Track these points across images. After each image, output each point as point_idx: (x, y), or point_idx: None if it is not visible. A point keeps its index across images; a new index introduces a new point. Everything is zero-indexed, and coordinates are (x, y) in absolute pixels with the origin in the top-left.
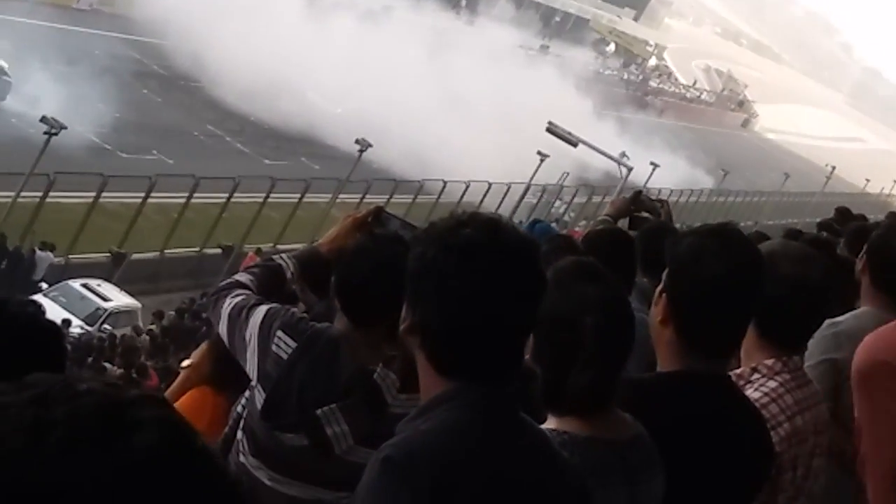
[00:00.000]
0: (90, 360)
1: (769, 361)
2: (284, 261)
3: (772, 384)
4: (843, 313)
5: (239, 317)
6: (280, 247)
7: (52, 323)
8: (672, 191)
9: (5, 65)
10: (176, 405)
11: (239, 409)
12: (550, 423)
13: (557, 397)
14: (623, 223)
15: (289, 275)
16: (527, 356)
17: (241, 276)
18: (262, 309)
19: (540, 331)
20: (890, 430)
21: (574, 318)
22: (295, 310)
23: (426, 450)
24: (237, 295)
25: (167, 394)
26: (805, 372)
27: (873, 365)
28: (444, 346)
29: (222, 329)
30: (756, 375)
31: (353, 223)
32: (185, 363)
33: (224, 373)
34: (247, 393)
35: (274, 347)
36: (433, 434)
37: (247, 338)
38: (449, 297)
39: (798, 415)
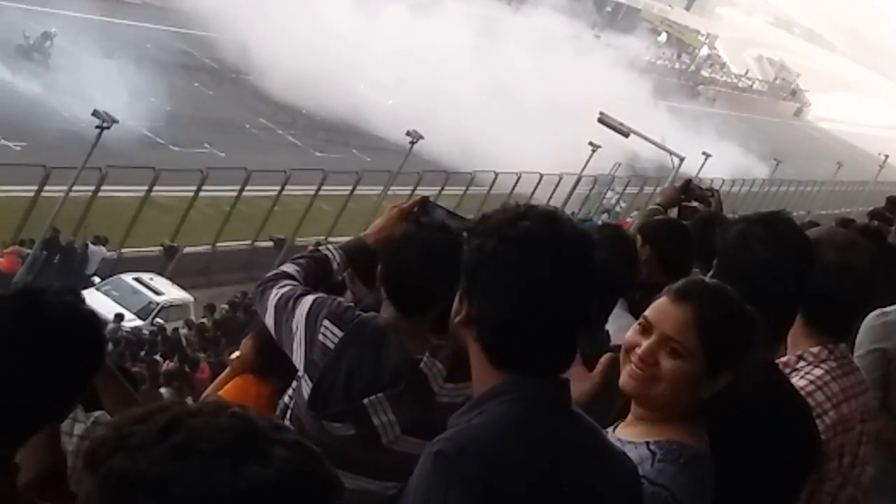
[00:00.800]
0: (143, 353)
1: (815, 349)
2: (331, 252)
3: (818, 372)
4: (893, 302)
5: (286, 307)
6: (332, 239)
7: (91, 312)
8: (724, 181)
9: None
10: (221, 393)
11: (286, 399)
12: (663, 437)
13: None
14: (673, 212)
15: (335, 266)
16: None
17: (288, 267)
18: (309, 299)
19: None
20: None
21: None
22: (341, 299)
23: (479, 444)
24: (284, 286)
25: (214, 384)
26: (851, 360)
27: None
28: (500, 339)
29: (269, 320)
30: (802, 363)
31: (399, 213)
32: (234, 355)
33: (267, 361)
34: (294, 384)
35: (321, 337)
36: (486, 428)
37: (294, 328)
38: (508, 290)
39: (844, 402)
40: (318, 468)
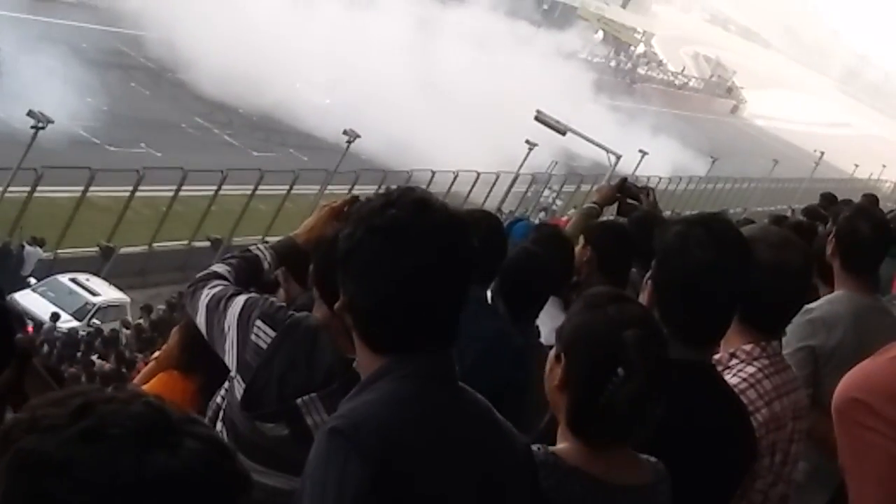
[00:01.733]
0: (79, 354)
1: (748, 347)
2: (262, 251)
3: (750, 370)
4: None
5: (217, 308)
6: (269, 238)
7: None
8: (661, 178)
9: None
10: (145, 388)
11: (218, 400)
12: (559, 444)
13: (585, 419)
14: (610, 210)
15: (266, 265)
16: (551, 384)
17: (219, 268)
18: (241, 299)
19: (572, 350)
20: (871, 468)
21: (613, 332)
22: (273, 299)
23: (372, 419)
24: (215, 286)
25: (139, 377)
26: (783, 357)
27: (846, 402)
28: (373, 325)
29: (200, 320)
30: (734, 361)
31: (329, 213)
32: (161, 349)
33: (192, 358)
34: (226, 384)
35: (253, 337)
36: (377, 404)
37: (225, 328)
38: (374, 278)
39: (776, 400)
40: (227, 463)
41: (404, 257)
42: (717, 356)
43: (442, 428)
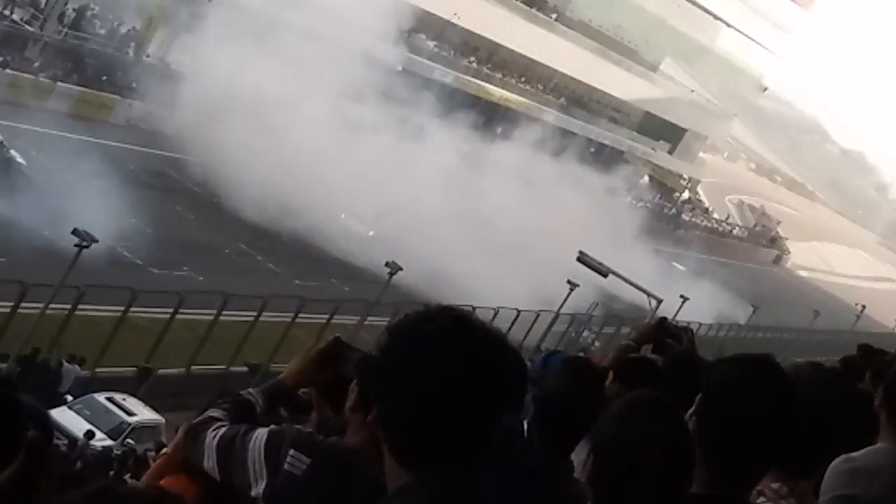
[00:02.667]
0: (111, 472)
1: (775, 485)
2: (253, 396)
3: None
4: (860, 443)
5: (232, 446)
6: None
7: (8, 397)
8: (701, 324)
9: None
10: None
11: None
12: None
13: None
14: (646, 350)
15: (258, 409)
16: (583, 478)
17: (214, 412)
18: (262, 431)
19: (598, 455)
20: None
21: (635, 451)
22: (300, 427)
23: None
24: (218, 427)
25: (148, 472)
26: (812, 499)
27: None
28: (402, 438)
29: (209, 463)
30: (761, 499)
31: (316, 356)
32: (164, 450)
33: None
34: None
35: (287, 466)
36: None
37: (249, 463)
38: (406, 393)
39: None
40: None
41: (438, 372)
42: None
43: None
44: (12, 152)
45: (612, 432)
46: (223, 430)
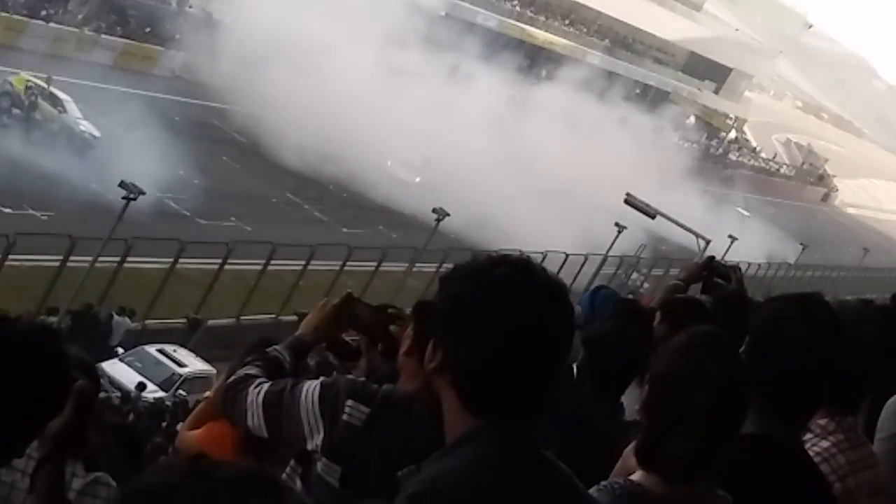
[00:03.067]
0: (164, 424)
1: (822, 421)
2: (279, 352)
3: (824, 444)
4: None
5: (280, 401)
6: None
7: (55, 347)
8: (749, 264)
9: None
10: (200, 434)
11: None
12: (635, 476)
13: (652, 454)
14: (695, 289)
15: (287, 365)
16: (637, 406)
17: (249, 370)
18: (313, 385)
19: (654, 388)
20: None
21: (688, 388)
22: (352, 376)
23: (452, 487)
24: (259, 384)
25: (188, 420)
26: (860, 433)
27: None
28: (476, 384)
29: (254, 420)
30: (808, 435)
31: (333, 311)
32: (208, 394)
33: None
34: (294, 467)
35: (345, 416)
36: (459, 471)
37: (303, 416)
38: (483, 336)
39: (850, 475)
40: None
41: (512, 315)
42: None
43: (523, 497)
44: (81, 125)
45: (669, 366)
46: (266, 385)
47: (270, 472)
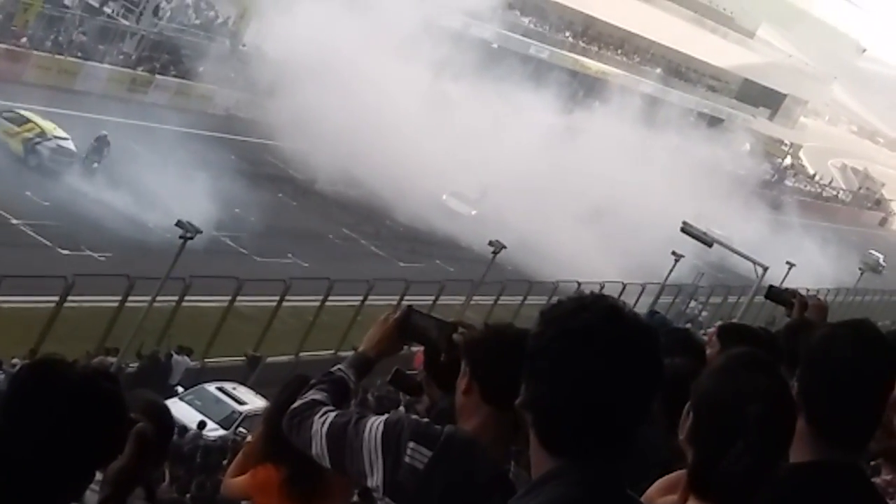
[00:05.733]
0: (224, 462)
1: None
2: (343, 372)
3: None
4: None
5: (345, 434)
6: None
7: (112, 389)
8: (808, 290)
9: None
10: (245, 480)
11: None
12: None
13: (705, 479)
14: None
15: (351, 385)
16: (682, 436)
17: (316, 395)
18: (377, 422)
19: (700, 411)
20: None
21: (738, 404)
22: (416, 417)
23: None
24: (325, 413)
25: (231, 468)
26: None
27: None
28: (553, 426)
29: (317, 449)
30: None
31: (395, 325)
32: (248, 439)
33: (278, 449)
34: None
35: (407, 459)
36: None
37: (364, 453)
38: (561, 379)
39: None
40: None
41: (593, 360)
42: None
43: None
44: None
45: (713, 388)
46: (332, 415)
47: None
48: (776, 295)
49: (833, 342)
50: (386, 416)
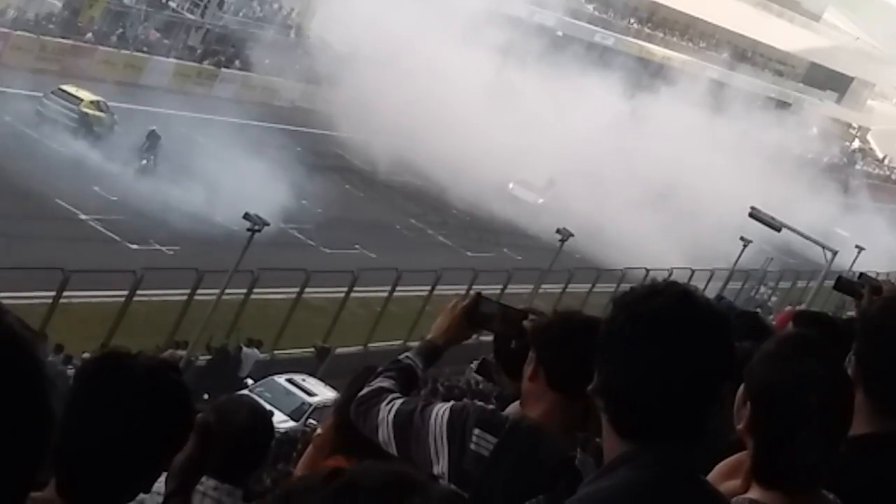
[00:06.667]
0: (295, 454)
1: None
2: (411, 360)
3: None
4: None
5: (411, 422)
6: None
7: (177, 381)
8: (878, 274)
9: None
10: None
11: None
12: (753, 493)
13: (767, 469)
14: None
15: (419, 373)
16: (739, 425)
17: (383, 382)
18: (444, 408)
19: (759, 400)
20: None
21: (798, 392)
22: (481, 404)
23: None
24: (392, 400)
25: (302, 461)
26: None
27: None
28: (625, 410)
29: (385, 437)
30: None
31: (463, 312)
32: (318, 432)
33: (349, 439)
34: None
35: (473, 446)
36: (615, 492)
37: (430, 440)
38: (633, 364)
39: None
40: None
41: (665, 346)
42: None
43: None
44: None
45: (769, 377)
46: (399, 403)
47: (409, 471)
48: (845, 285)
49: (889, 313)
50: (451, 403)
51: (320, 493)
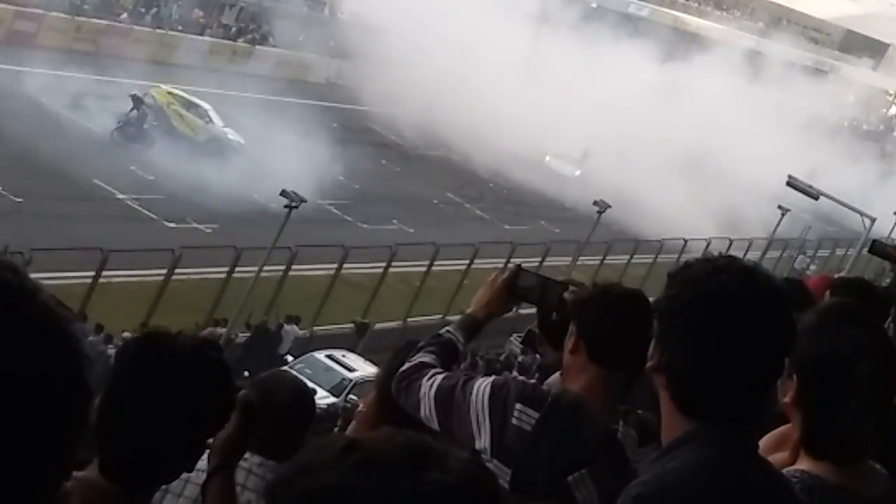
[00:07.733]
0: (336, 429)
1: None
2: (452, 334)
3: None
4: None
5: (452, 397)
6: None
7: (219, 359)
8: None
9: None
10: None
11: None
12: (802, 464)
13: (818, 440)
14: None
15: (460, 347)
16: (786, 398)
17: (424, 357)
18: (485, 383)
19: (806, 373)
20: None
21: (847, 362)
22: (523, 378)
23: (675, 487)
24: (433, 376)
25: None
26: None
27: None
28: (689, 388)
29: (426, 412)
30: None
31: (504, 285)
32: (360, 407)
33: (392, 412)
34: None
35: (514, 420)
36: (681, 472)
37: (472, 415)
38: (699, 342)
39: None
40: (491, 479)
41: (731, 323)
42: None
43: (745, 499)
44: (228, 132)
45: (815, 349)
46: (440, 378)
47: (429, 442)
48: (879, 249)
49: None
50: (492, 378)
51: (338, 469)
